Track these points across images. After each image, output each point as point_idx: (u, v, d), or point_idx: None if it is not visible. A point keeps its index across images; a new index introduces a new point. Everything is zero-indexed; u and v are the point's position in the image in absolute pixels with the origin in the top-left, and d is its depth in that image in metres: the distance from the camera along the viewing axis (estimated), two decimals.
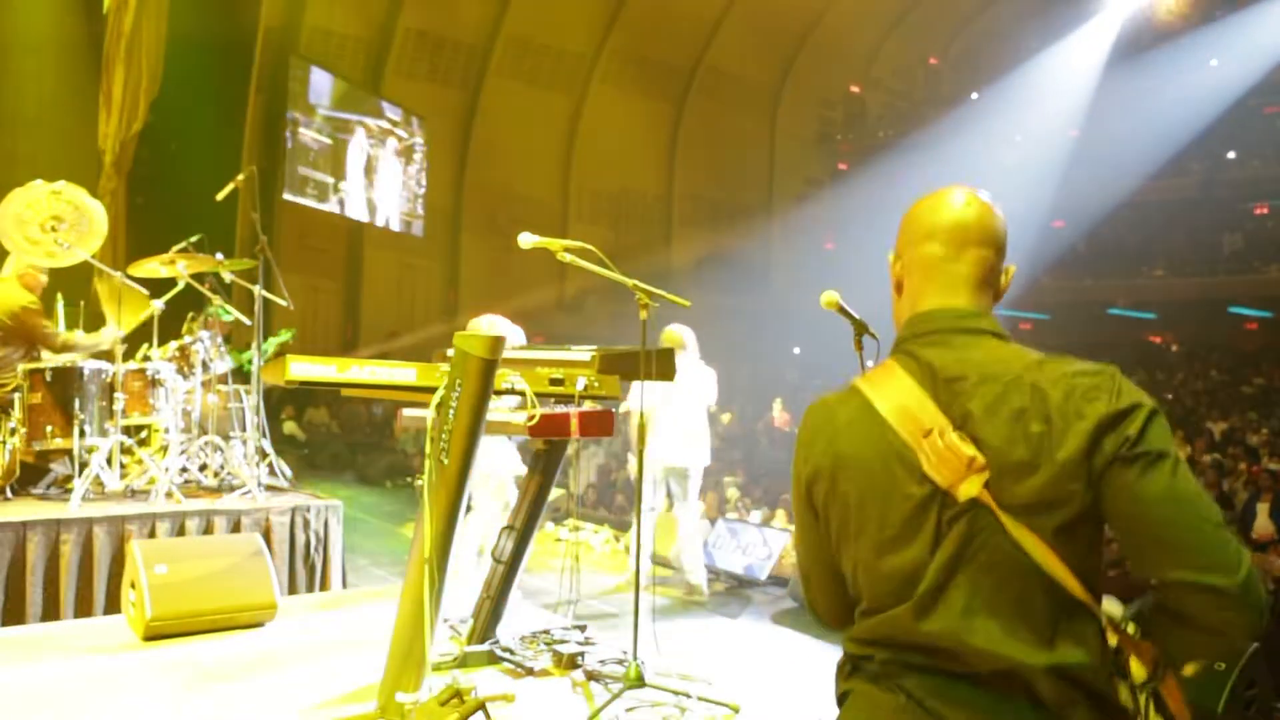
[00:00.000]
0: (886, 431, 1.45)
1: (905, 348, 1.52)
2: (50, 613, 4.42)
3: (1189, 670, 1.42)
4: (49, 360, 5.39)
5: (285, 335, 6.95)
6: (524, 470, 5.34)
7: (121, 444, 5.34)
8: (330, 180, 17.96)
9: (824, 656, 4.39)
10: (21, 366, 5.22)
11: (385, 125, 19.21)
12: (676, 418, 6.01)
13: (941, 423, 1.40)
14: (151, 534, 4.68)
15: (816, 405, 1.59)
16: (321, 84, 17.83)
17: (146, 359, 5.77)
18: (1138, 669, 1.40)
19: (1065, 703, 1.35)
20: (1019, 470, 1.36)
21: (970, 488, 1.37)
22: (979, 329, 1.48)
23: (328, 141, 17.86)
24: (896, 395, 1.46)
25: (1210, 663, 3.43)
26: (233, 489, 5.31)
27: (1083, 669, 1.35)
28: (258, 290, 5.59)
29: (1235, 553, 1.31)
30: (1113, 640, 1.39)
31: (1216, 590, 1.29)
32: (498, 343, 2.85)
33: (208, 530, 4.90)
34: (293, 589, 5.05)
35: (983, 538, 1.38)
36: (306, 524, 5.17)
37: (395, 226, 19.87)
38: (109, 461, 5.27)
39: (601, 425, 3.45)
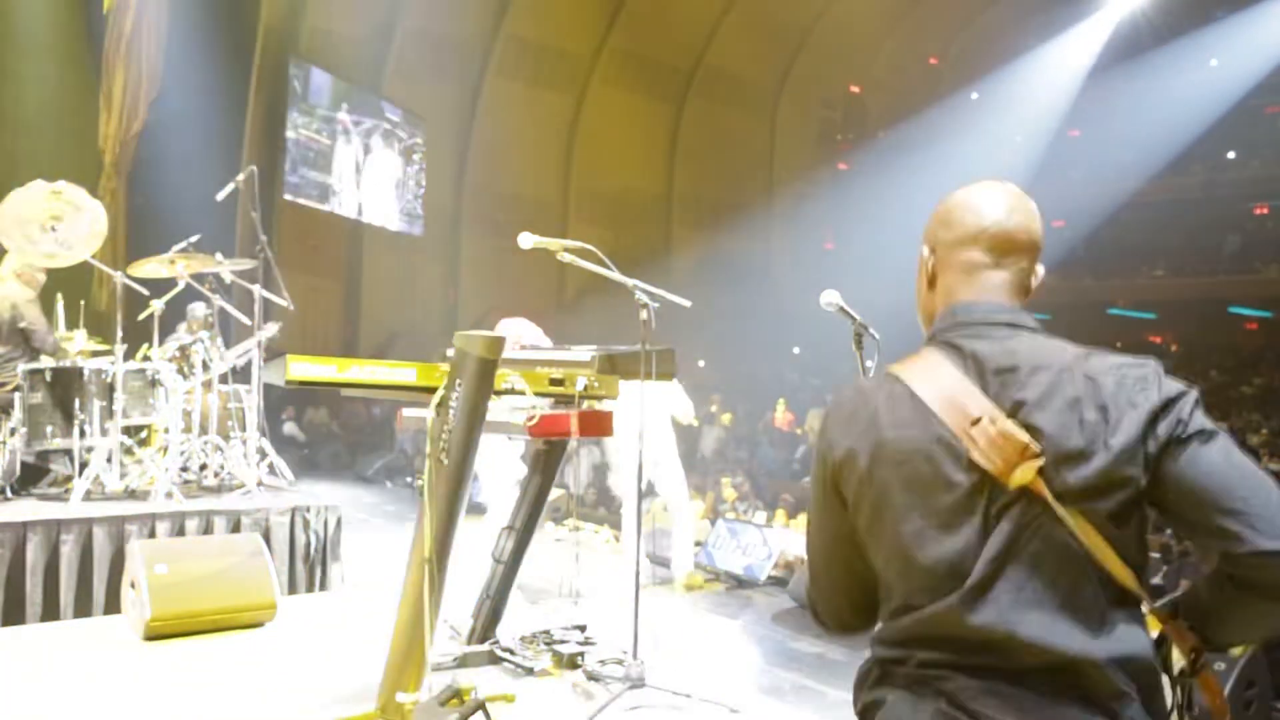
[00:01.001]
0: (930, 418, 1.42)
1: (945, 338, 1.50)
2: (50, 613, 4.42)
3: (1237, 653, 1.43)
4: (49, 360, 5.39)
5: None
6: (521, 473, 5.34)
7: (121, 444, 5.34)
8: (330, 180, 17.96)
9: (824, 657, 4.39)
10: (21, 366, 5.22)
11: (385, 125, 19.21)
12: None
13: (992, 410, 1.39)
14: (151, 534, 4.68)
15: (849, 390, 1.55)
16: (321, 84, 17.82)
17: (146, 359, 5.77)
18: (1178, 659, 1.40)
19: (1117, 697, 1.32)
20: (1074, 458, 1.35)
21: (1023, 475, 1.35)
22: (1019, 323, 1.49)
23: (328, 142, 17.86)
24: (940, 383, 1.44)
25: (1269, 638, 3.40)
26: (233, 489, 5.31)
27: (1139, 658, 1.35)
28: (258, 290, 5.60)
29: None
30: (1156, 628, 1.39)
31: None
32: (497, 343, 2.85)
33: (208, 530, 4.90)
34: (293, 589, 5.05)
35: (1034, 527, 1.36)
36: (306, 524, 5.17)
37: (395, 226, 19.86)
38: (109, 461, 5.27)
39: (601, 425, 3.46)
